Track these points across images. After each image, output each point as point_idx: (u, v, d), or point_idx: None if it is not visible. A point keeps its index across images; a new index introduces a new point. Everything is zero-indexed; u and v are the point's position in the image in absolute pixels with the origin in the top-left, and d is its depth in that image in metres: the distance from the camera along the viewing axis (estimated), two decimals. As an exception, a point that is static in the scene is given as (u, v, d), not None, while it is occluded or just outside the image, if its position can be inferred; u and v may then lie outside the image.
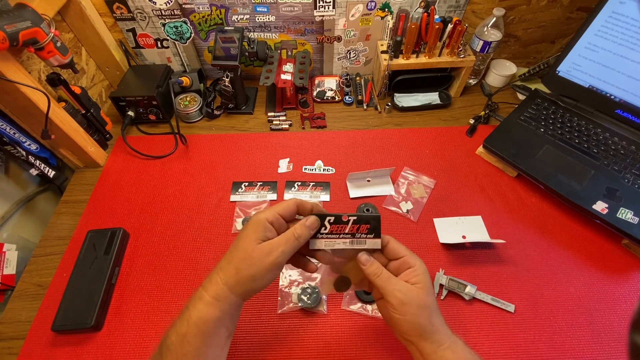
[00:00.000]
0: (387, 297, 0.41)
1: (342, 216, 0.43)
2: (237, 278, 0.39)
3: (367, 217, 0.43)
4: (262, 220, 0.40)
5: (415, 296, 0.41)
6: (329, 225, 0.43)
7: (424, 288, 0.41)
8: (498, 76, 0.91)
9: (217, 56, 0.78)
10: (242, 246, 0.40)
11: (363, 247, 0.43)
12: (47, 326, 0.54)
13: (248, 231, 0.40)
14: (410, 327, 0.41)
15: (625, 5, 0.67)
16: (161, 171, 0.77)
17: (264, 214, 0.41)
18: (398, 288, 0.41)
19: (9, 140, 0.65)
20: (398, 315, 0.41)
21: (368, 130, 0.84)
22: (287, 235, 0.40)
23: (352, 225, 0.43)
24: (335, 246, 0.43)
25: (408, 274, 0.42)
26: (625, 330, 0.56)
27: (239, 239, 0.41)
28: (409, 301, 0.40)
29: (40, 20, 0.56)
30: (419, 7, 0.79)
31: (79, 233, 0.67)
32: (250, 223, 0.41)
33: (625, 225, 0.61)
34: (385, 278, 0.42)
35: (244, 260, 0.39)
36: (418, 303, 0.41)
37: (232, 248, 0.41)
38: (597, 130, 0.74)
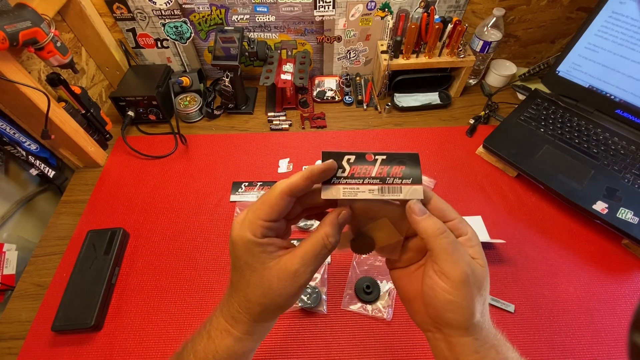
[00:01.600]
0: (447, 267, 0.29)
1: (366, 154, 0.31)
2: (265, 314, 0.32)
3: (400, 156, 0.32)
4: (251, 240, 0.29)
5: (480, 276, 0.30)
6: (349, 166, 0.31)
7: (486, 266, 0.31)
8: (498, 76, 0.91)
9: (217, 56, 0.78)
10: (255, 282, 0.30)
11: (398, 198, 0.31)
12: (47, 326, 0.54)
13: (246, 260, 0.30)
14: (461, 316, 0.29)
15: (625, 5, 0.67)
16: (161, 171, 0.77)
17: (249, 229, 0.29)
18: (467, 260, 0.29)
19: (9, 140, 0.65)
20: (451, 296, 0.29)
21: (368, 130, 0.84)
22: (315, 248, 0.30)
23: (381, 167, 0.31)
24: (359, 195, 0.31)
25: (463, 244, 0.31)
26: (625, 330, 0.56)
27: (244, 273, 0.31)
28: (474, 281, 0.29)
29: (40, 20, 0.56)
30: (419, 7, 0.79)
31: (79, 233, 0.67)
32: (239, 248, 0.30)
33: (625, 225, 0.61)
34: (452, 241, 0.30)
35: (265, 296, 0.30)
36: (481, 286, 0.30)
37: (242, 283, 0.31)
38: (597, 130, 0.74)
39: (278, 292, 0.30)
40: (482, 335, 0.30)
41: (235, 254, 0.31)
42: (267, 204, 0.30)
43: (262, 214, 0.29)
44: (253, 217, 0.30)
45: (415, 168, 0.32)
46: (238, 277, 0.31)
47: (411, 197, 0.31)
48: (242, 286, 0.31)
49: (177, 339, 0.55)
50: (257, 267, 0.30)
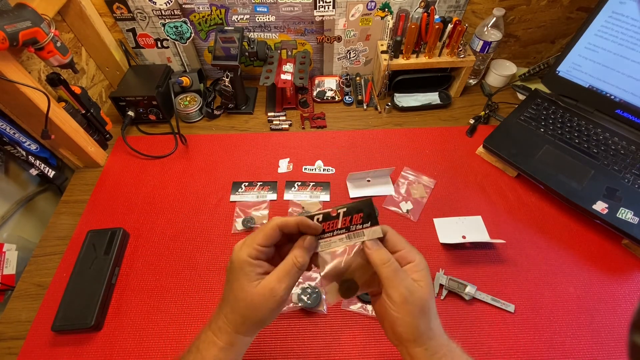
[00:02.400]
0: (389, 290, 0.37)
1: (330, 212, 0.38)
2: (245, 326, 0.38)
3: (357, 205, 0.38)
4: (246, 260, 0.36)
5: (419, 296, 0.37)
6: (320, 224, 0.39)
7: (427, 287, 0.37)
8: (498, 76, 0.91)
9: (217, 56, 0.78)
10: (241, 296, 0.36)
11: (362, 240, 0.38)
12: (47, 326, 0.54)
13: (238, 275, 0.37)
14: (407, 329, 0.37)
15: (625, 5, 0.67)
16: (161, 171, 0.77)
17: (245, 251, 0.37)
18: (405, 284, 0.36)
19: (9, 140, 0.65)
20: (397, 314, 0.37)
21: (368, 130, 0.84)
22: (286, 268, 0.37)
23: (344, 218, 0.38)
24: (332, 246, 0.39)
25: (409, 270, 0.38)
26: (625, 330, 0.56)
27: (233, 288, 0.37)
28: (413, 300, 0.36)
29: (40, 20, 0.56)
30: (419, 7, 0.79)
31: (79, 233, 0.67)
32: (236, 265, 0.37)
33: (625, 225, 0.61)
34: (394, 269, 0.37)
35: (247, 308, 0.37)
36: (421, 304, 0.37)
37: (230, 297, 0.38)
38: (597, 130, 0.74)
39: (259, 305, 0.36)
40: (432, 345, 0.37)
41: (231, 271, 0.38)
42: (262, 232, 0.37)
43: (257, 240, 0.37)
44: (250, 242, 0.37)
45: (371, 212, 0.38)
46: (228, 291, 0.38)
47: (373, 237, 0.38)
48: (231, 299, 0.38)
49: (177, 339, 0.55)
50: (245, 284, 0.36)
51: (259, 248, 0.37)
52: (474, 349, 0.54)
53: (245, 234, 0.67)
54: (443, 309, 0.58)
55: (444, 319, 0.57)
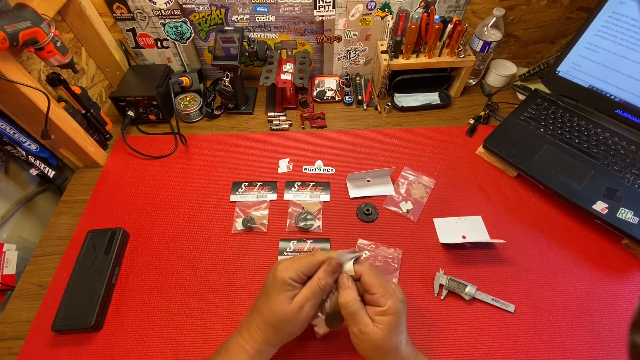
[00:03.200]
0: (350, 329, 0.44)
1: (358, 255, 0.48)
2: (276, 338, 0.44)
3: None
4: (288, 280, 0.43)
5: (371, 338, 0.42)
6: None
7: (385, 330, 0.42)
8: (498, 76, 0.91)
9: (217, 56, 0.78)
10: (276, 310, 0.43)
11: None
12: (47, 326, 0.54)
13: (278, 291, 0.43)
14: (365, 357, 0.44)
15: (625, 5, 0.67)
16: (161, 171, 0.77)
17: (289, 273, 0.44)
18: (358, 327, 0.43)
19: (9, 140, 0.65)
20: (356, 346, 0.44)
21: (368, 130, 0.84)
22: (313, 288, 0.44)
23: None
24: None
25: (374, 312, 0.43)
26: (625, 330, 0.56)
27: (270, 300, 0.44)
28: (364, 339, 0.42)
29: (40, 20, 0.56)
30: (419, 7, 0.79)
31: (79, 233, 0.67)
32: (278, 282, 0.43)
33: (625, 225, 0.61)
34: (351, 312, 0.43)
35: (280, 322, 0.43)
36: (372, 344, 0.42)
37: (265, 307, 0.44)
38: (597, 130, 0.74)
39: (290, 320, 0.43)
40: None
41: (273, 287, 0.44)
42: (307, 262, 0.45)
43: (302, 268, 0.44)
44: (296, 267, 0.44)
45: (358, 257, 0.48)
46: (264, 303, 0.44)
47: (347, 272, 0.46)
48: (265, 311, 0.44)
49: (177, 339, 0.55)
50: (282, 300, 0.43)
51: (301, 275, 0.44)
52: (474, 349, 0.54)
53: (245, 234, 0.67)
54: (443, 309, 0.58)
55: (444, 318, 0.57)
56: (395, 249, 0.64)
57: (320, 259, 0.45)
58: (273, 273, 0.45)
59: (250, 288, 0.61)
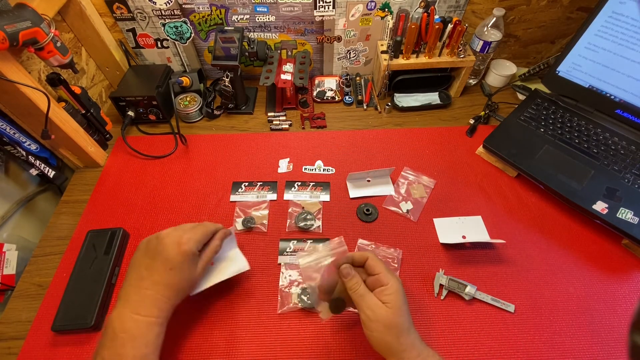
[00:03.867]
0: (359, 312, 0.45)
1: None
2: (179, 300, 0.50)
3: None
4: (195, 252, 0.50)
5: (383, 315, 0.43)
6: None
7: (394, 307, 0.43)
8: (498, 76, 0.91)
9: (217, 56, 0.78)
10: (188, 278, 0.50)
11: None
12: (47, 326, 0.54)
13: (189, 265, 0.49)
14: (378, 344, 0.44)
15: (625, 5, 0.67)
16: (161, 171, 0.77)
17: (195, 245, 0.50)
18: (368, 305, 0.44)
19: (9, 140, 0.65)
20: (367, 331, 0.44)
21: (368, 130, 0.84)
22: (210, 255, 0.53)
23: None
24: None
25: (380, 292, 0.45)
26: (625, 330, 0.56)
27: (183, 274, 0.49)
28: (376, 319, 0.43)
29: (40, 20, 0.56)
30: (419, 7, 0.79)
31: (79, 233, 0.67)
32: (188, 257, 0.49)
33: (625, 225, 0.61)
34: (360, 294, 0.45)
35: (191, 286, 0.51)
36: (385, 322, 0.43)
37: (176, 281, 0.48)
38: (597, 130, 0.74)
39: (196, 282, 0.52)
40: (405, 357, 0.42)
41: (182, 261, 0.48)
42: (204, 233, 0.52)
43: (201, 238, 0.51)
44: (196, 238, 0.50)
45: None
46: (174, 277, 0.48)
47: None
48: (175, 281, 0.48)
49: (177, 339, 0.55)
50: (193, 269, 0.50)
51: (199, 245, 0.51)
52: (474, 349, 0.54)
53: (245, 234, 0.67)
54: (443, 309, 0.58)
55: (444, 318, 0.57)
56: (395, 249, 0.64)
57: (213, 228, 0.54)
58: (177, 248, 0.48)
59: (251, 288, 0.60)
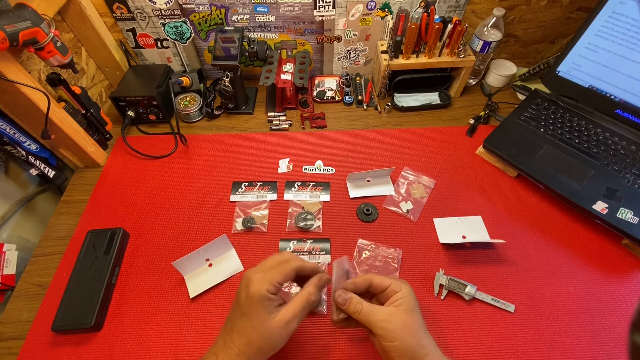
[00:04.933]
0: (373, 329, 0.42)
1: None
2: (261, 356, 0.41)
3: None
4: (265, 294, 0.40)
5: (399, 319, 0.41)
6: None
7: (407, 310, 0.42)
8: (498, 76, 0.91)
9: (217, 56, 0.78)
10: (259, 328, 0.39)
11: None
12: (47, 326, 0.54)
13: (257, 311, 0.40)
14: (400, 352, 0.40)
15: (625, 5, 0.67)
16: (161, 171, 0.77)
17: (265, 286, 0.40)
18: (380, 317, 0.42)
19: (9, 140, 0.65)
20: (387, 342, 0.41)
21: (368, 130, 0.84)
22: (301, 303, 0.42)
23: None
24: None
25: (394, 299, 0.43)
26: (625, 330, 0.56)
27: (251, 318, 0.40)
28: (394, 325, 0.41)
29: (40, 20, 0.56)
30: (419, 7, 0.79)
31: (79, 233, 0.67)
32: (255, 299, 0.40)
33: (625, 225, 0.61)
34: (367, 312, 0.42)
35: (265, 340, 0.40)
36: (403, 325, 0.41)
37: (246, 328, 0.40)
38: (597, 130, 0.74)
39: (275, 336, 0.40)
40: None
41: (250, 305, 0.40)
42: (281, 272, 0.42)
43: (277, 278, 0.41)
44: (270, 279, 0.41)
45: None
46: (245, 324, 0.40)
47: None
48: (248, 332, 0.40)
49: (177, 339, 0.55)
50: (265, 317, 0.40)
51: (277, 285, 0.41)
52: (474, 349, 0.54)
53: (245, 234, 0.67)
54: (443, 309, 0.58)
55: (444, 318, 0.57)
56: (395, 249, 0.64)
57: (295, 265, 0.43)
58: (246, 289, 0.41)
59: (250, 288, 0.60)
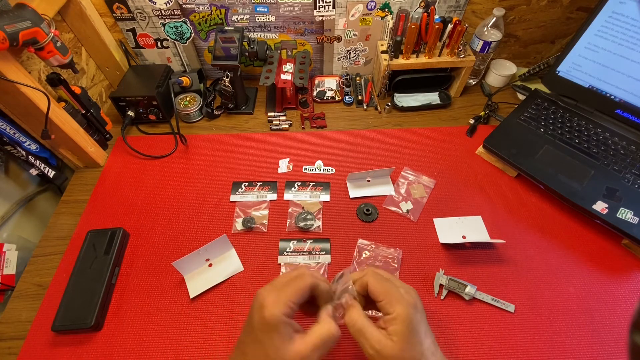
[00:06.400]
0: (363, 348, 0.39)
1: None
2: None
3: None
4: (282, 320, 0.35)
5: (387, 353, 0.37)
6: None
7: (400, 341, 0.37)
8: (498, 76, 0.91)
9: (217, 56, 0.78)
10: (273, 357, 0.35)
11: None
12: (47, 326, 0.54)
13: (272, 336, 0.35)
14: None
15: (625, 5, 0.67)
16: (161, 171, 0.77)
17: (279, 309, 0.35)
18: (369, 344, 0.38)
19: (9, 140, 0.65)
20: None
21: (368, 130, 0.84)
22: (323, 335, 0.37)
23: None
24: None
25: (386, 322, 0.39)
26: (625, 330, 0.56)
27: (265, 347, 0.35)
28: (379, 356, 0.37)
29: (40, 20, 0.56)
30: (419, 7, 0.79)
31: (79, 233, 0.67)
32: (271, 327, 0.35)
33: (625, 225, 0.61)
34: (358, 329, 0.39)
35: None
36: (391, 358, 0.37)
37: (260, 357, 0.36)
38: (597, 130, 0.74)
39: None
40: None
41: (263, 330, 0.35)
42: (297, 289, 0.37)
43: (293, 297, 0.36)
44: (285, 299, 0.36)
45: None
46: (258, 352, 0.36)
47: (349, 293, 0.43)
48: (259, 356, 0.35)
49: (177, 339, 0.55)
50: (279, 345, 0.35)
51: (293, 306, 0.36)
52: (474, 349, 0.54)
53: (245, 234, 0.67)
54: (443, 309, 0.58)
55: (444, 318, 0.57)
56: (395, 249, 0.64)
57: (310, 281, 0.38)
58: (259, 312, 0.36)
59: (250, 288, 0.60)
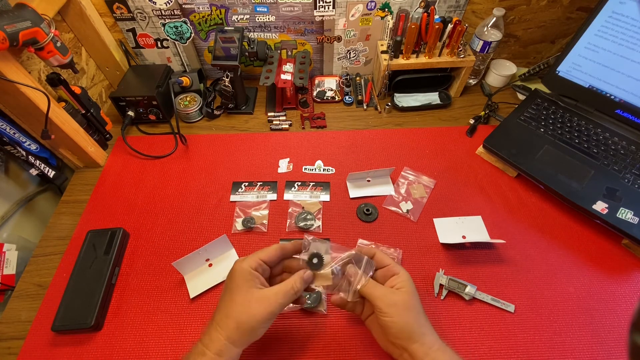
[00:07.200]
0: (375, 302, 0.44)
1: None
2: (238, 332, 0.40)
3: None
4: (248, 269, 0.43)
5: (400, 298, 0.44)
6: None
7: (408, 292, 0.44)
8: (498, 76, 0.91)
9: (217, 56, 0.78)
10: (238, 299, 0.41)
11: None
12: (47, 326, 0.54)
13: (239, 282, 0.42)
14: (399, 328, 0.43)
15: (625, 5, 0.67)
16: (161, 171, 0.77)
17: (247, 262, 0.43)
18: (382, 293, 0.44)
19: (9, 140, 0.65)
20: (387, 317, 0.43)
21: (368, 130, 0.84)
22: (286, 289, 0.43)
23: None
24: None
25: (393, 281, 0.46)
26: (625, 330, 0.56)
27: (232, 292, 0.42)
28: (395, 302, 0.43)
29: (40, 20, 0.56)
30: (419, 7, 0.79)
31: (79, 233, 0.67)
32: (237, 273, 0.43)
33: (625, 225, 0.61)
34: (372, 285, 0.45)
35: (243, 312, 0.41)
36: (404, 304, 0.44)
37: (227, 301, 0.42)
38: (597, 130, 0.74)
39: (254, 311, 0.40)
40: (426, 341, 0.42)
41: (232, 279, 0.43)
42: (265, 250, 0.45)
43: (260, 255, 0.44)
44: (255, 257, 0.44)
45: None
46: (229, 302, 0.42)
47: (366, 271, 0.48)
48: (227, 303, 0.42)
49: (177, 339, 0.55)
50: (245, 289, 0.41)
51: (260, 262, 0.44)
52: (474, 349, 0.54)
53: (245, 234, 0.67)
54: (443, 309, 0.58)
55: (444, 318, 0.57)
56: (395, 249, 0.64)
57: (278, 245, 0.46)
58: (231, 271, 0.44)
59: (250, 288, 0.60)
